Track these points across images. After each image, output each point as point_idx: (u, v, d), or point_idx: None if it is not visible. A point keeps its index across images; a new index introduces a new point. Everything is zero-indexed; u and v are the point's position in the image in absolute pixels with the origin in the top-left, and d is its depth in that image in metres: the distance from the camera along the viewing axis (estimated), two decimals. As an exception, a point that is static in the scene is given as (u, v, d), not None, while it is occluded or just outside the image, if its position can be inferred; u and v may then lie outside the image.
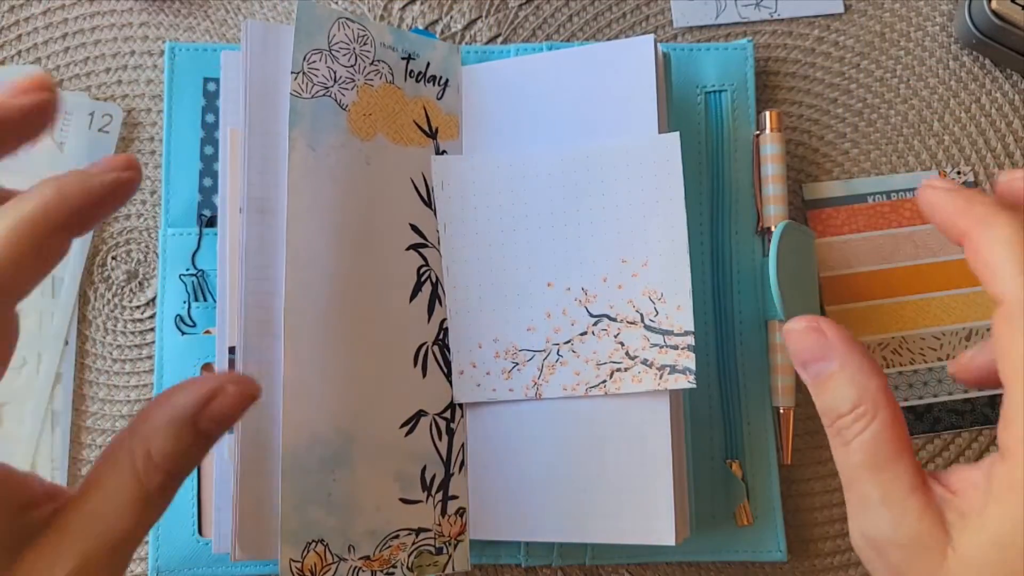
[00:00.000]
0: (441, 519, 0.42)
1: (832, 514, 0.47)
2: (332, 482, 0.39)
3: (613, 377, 0.41)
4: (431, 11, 0.51)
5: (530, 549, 0.45)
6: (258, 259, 0.40)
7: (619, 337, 0.41)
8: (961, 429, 0.47)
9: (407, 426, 0.42)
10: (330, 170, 0.41)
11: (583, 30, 0.51)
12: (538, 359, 0.42)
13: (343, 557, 0.39)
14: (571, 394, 0.42)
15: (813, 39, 0.51)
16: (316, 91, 0.41)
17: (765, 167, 0.46)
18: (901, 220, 0.49)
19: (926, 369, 0.47)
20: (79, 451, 0.46)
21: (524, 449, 0.43)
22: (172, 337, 0.46)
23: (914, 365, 0.48)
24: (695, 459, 0.45)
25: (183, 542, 0.44)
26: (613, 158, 0.42)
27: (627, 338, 0.41)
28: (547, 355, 0.42)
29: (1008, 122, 0.50)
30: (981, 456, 0.47)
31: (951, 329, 0.48)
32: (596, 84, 0.43)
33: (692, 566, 0.46)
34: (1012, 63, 0.50)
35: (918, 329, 0.48)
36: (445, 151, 0.45)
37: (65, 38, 0.50)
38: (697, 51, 0.49)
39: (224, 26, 0.51)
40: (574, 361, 0.42)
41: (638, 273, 0.41)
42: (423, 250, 0.44)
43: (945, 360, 0.47)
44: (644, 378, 0.40)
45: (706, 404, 0.46)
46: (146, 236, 0.49)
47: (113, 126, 0.49)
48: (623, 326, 0.41)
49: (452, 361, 0.44)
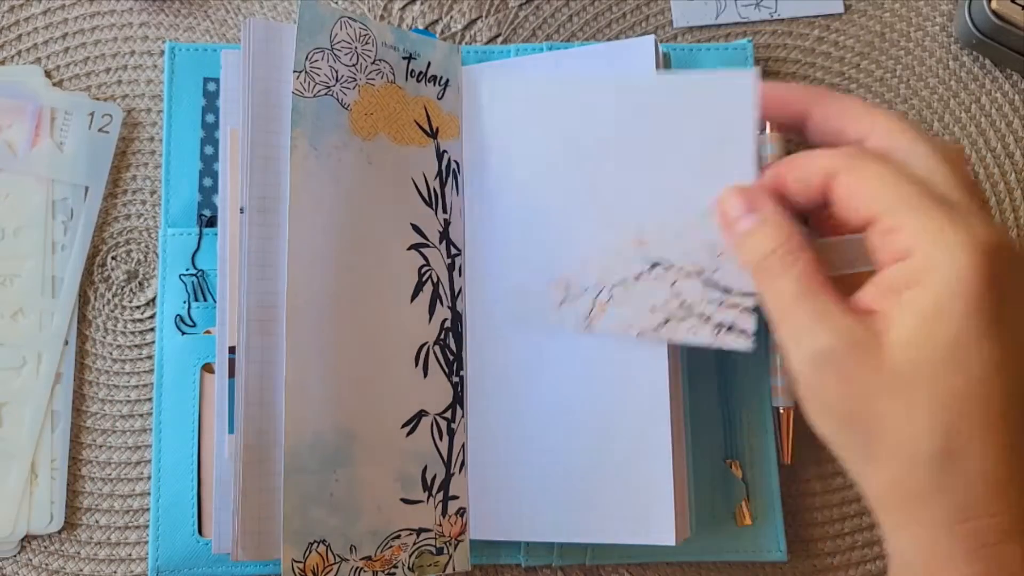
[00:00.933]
0: (442, 519, 0.42)
1: (832, 514, 0.47)
2: (334, 482, 0.39)
3: (668, 324, 0.39)
4: (431, 11, 0.51)
5: (530, 549, 0.45)
6: (259, 259, 0.40)
7: (676, 287, 0.39)
8: None
9: (408, 426, 0.42)
10: (332, 170, 0.41)
11: (583, 30, 0.51)
12: (590, 295, 0.41)
13: (345, 557, 0.39)
14: (625, 333, 0.40)
15: (813, 39, 0.51)
16: (318, 90, 0.41)
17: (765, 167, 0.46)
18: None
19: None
20: (79, 451, 0.46)
21: (524, 449, 0.43)
22: (172, 337, 0.46)
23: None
24: (695, 459, 0.45)
25: (183, 542, 0.44)
26: (684, 92, 0.40)
27: (685, 289, 0.39)
28: (599, 292, 0.41)
29: (1008, 122, 0.50)
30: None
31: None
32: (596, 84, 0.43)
33: (692, 566, 0.46)
34: (1012, 63, 0.50)
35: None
36: (446, 151, 0.45)
37: (65, 38, 0.50)
38: (697, 51, 0.49)
39: (224, 26, 0.51)
40: (627, 303, 0.40)
41: (698, 223, 0.38)
42: (424, 250, 0.44)
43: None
44: (700, 331, 0.39)
45: (706, 404, 0.46)
46: (146, 236, 0.49)
47: (113, 126, 0.49)
48: (680, 276, 0.39)
49: (487, 295, 0.44)
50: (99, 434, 0.47)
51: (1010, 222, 0.49)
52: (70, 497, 0.46)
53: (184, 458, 0.45)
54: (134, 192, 0.49)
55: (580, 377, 0.42)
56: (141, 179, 0.49)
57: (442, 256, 0.44)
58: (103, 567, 0.46)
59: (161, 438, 0.45)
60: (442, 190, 0.45)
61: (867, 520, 0.46)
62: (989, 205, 0.49)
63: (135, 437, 0.47)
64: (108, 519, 0.46)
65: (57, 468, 0.46)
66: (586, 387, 0.42)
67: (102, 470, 0.46)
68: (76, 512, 0.46)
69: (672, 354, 0.41)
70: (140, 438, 0.47)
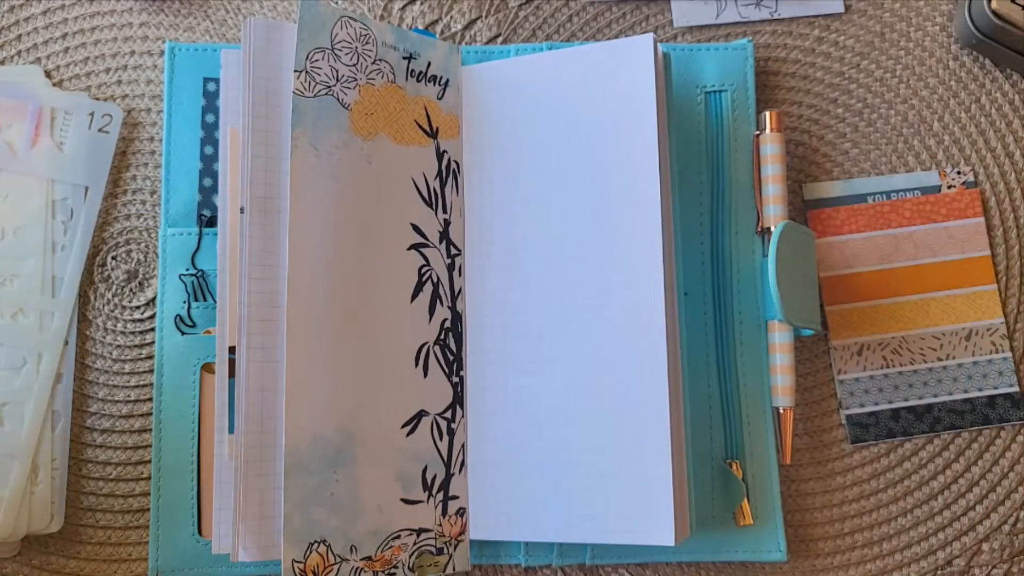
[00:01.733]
0: (442, 519, 0.42)
1: (832, 514, 0.47)
2: (334, 482, 0.39)
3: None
4: (431, 11, 0.51)
5: (530, 549, 0.45)
6: (260, 258, 0.40)
7: None
8: (961, 429, 0.47)
9: (408, 426, 0.42)
10: (332, 169, 0.41)
11: (583, 30, 0.51)
12: None
13: (345, 558, 0.39)
14: None
15: (813, 39, 0.51)
16: (318, 90, 0.41)
17: (765, 167, 0.47)
18: (901, 220, 0.49)
19: (926, 369, 0.48)
20: (79, 451, 0.46)
21: (524, 449, 0.43)
22: (172, 337, 0.46)
23: (914, 365, 0.48)
24: (695, 459, 0.45)
25: (183, 542, 0.44)
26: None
27: None
28: None
29: (1008, 122, 0.50)
30: (981, 456, 0.47)
31: (951, 329, 0.48)
32: (596, 83, 0.43)
33: (692, 566, 0.46)
34: (1012, 63, 0.50)
35: (918, 329, 0.48)
36: (446, 151, 0.45)
37: (65, 38, 0.50)
38: (697, 51, 0.49)
39: (224, 26, 0.51)
40: None
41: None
42: (424, 250, 0.44)
43: (946, 360, 0.48)
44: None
45: (706, 404, 0.46)
46: (146, 236, 0.49)
47: (113, 126, 0.49)
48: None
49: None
50: (99, 434, 0.47)
51: (1010, 222, 0.49)
52: (70, 497, 0.46)
53: (184, 458, 0.45)
54: (134, 192, 0.49)
55: (580, 378, 0.42)
56: (141, 179, 0.49)
57: (442, 256, 0.44)
58: (103, 567, 0.46)
59: (161, 438, 0.45)
60: (442, 190, 0.45)
61: (867, 520, 0.46)
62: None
63: (135, 437, 0.47)
64: (108, 519, 0.46)
65: (57, 468, 0.46)
66: (586, 388, 0.42)
67: (102, 470, 0.46)
68: (76, 512, 0.46)
69: (672, 354, 0.41)
70: (140, 438, 0.47)
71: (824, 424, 0.47)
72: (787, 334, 0.45)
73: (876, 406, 0.47)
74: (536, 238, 0.44)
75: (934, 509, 0.47)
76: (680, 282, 0.44)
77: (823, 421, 0.48)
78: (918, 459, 0.47)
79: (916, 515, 0.47)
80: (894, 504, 0.47)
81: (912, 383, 0.48)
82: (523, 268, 0.44)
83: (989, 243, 0.49)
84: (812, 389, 0.48)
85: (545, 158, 0.44)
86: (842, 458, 0.47)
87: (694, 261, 0.47)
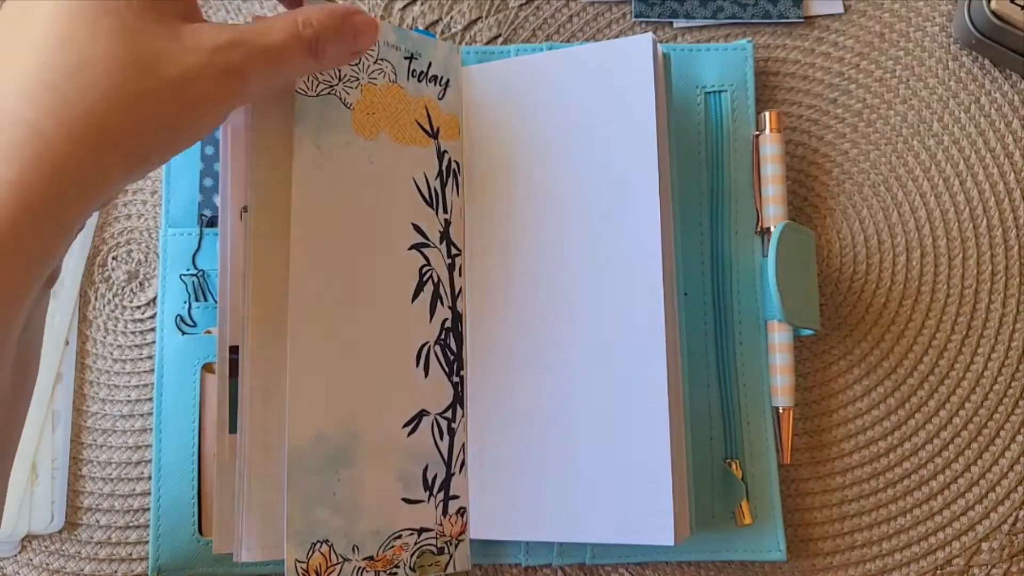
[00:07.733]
0: (442, 519, 0.42)
1: (832, 514, 0.47)
2: (337, 482, 0.39)
3: None
4: (431, 11, 0.51)
5: (530, 548, 0.45)
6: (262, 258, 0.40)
7: None
8: (742, 20, 0.50)
9: (409, 426, 0.42)
10: (334, 169, 0.41)
11: (583, 30, 0.51)
12: None
13: (347, 558, 0.39)
14: None
15: (813, 39, 0.51)
16: (321, 89, 0.41)
17: (765, 167, 0.47)
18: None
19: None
20: (79, 451, 0.46)
21: (524, 449, 0.43)
22: (172, 337, 0.46)
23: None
24: (695, 459, 0.45)
25: (183, 542, 0.44)
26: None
27: None
28: None
29: (1008, 122, 0.50)
30: (980, 456, 0.47)
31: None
32: (596, 83, 0.44)
33: (692, 566, 0.46)
34: (1012, 63, 0.50)
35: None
36: (446, 151, 0.45)
37: (65, 37, 0.50)
38: (697, 51, 0.49)
39: (224, 25, 0.50)
40: None
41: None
42: (425, 250, 0.44)
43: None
44: None
45: (706, 404, 0.46)
46: (146, 236, 0.49)
47: (113, 125, 0.48)
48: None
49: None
50: (99, 434, 0.47)
51: (1009, 222, 0.49)
52: (71, 497, 0.46)
53: (184, 458, 0.45)
54: (134, 192, 0.49)
55: (580, 377, 0.42)
56: (141, 179, 0.49)
57: (442, 256, 0.44)
58: (103, 567, 0.46)
59: (161, 438, 0.45)
60: (443, 190, 0.45)
61: (867, 520, 0.47)
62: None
63: (135, 437, 0.47)
64: (108, 519, 0.46)
65: (58, 468, 0.46)
66: (586, 387, 0.42)
67: (102, 470, 0.46)
68: (76, 512, 0.46)
69: (672, 354, 0.41)
70: (140, 438, 0.47)
71: (824, 424, 0.48)
72: (787, 334, 0.45)
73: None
74: (536, 238, 0.44)
75: (933, 509, 0.47)
76: (680, 282, 0.44)
77: (823, 421, 0.48)
78: (918, 459, 0.47)
79: (915, 515, 0.47)
80: (894, 504, 0.47)
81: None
82: (523, 268, 0.44)
83: (989, 243, 0.49)
84: (812, 389, 0.48)
85: (545, 158, 0.44)
86: (842, 458, 0.47)
87: (694, 261, 0.47)
